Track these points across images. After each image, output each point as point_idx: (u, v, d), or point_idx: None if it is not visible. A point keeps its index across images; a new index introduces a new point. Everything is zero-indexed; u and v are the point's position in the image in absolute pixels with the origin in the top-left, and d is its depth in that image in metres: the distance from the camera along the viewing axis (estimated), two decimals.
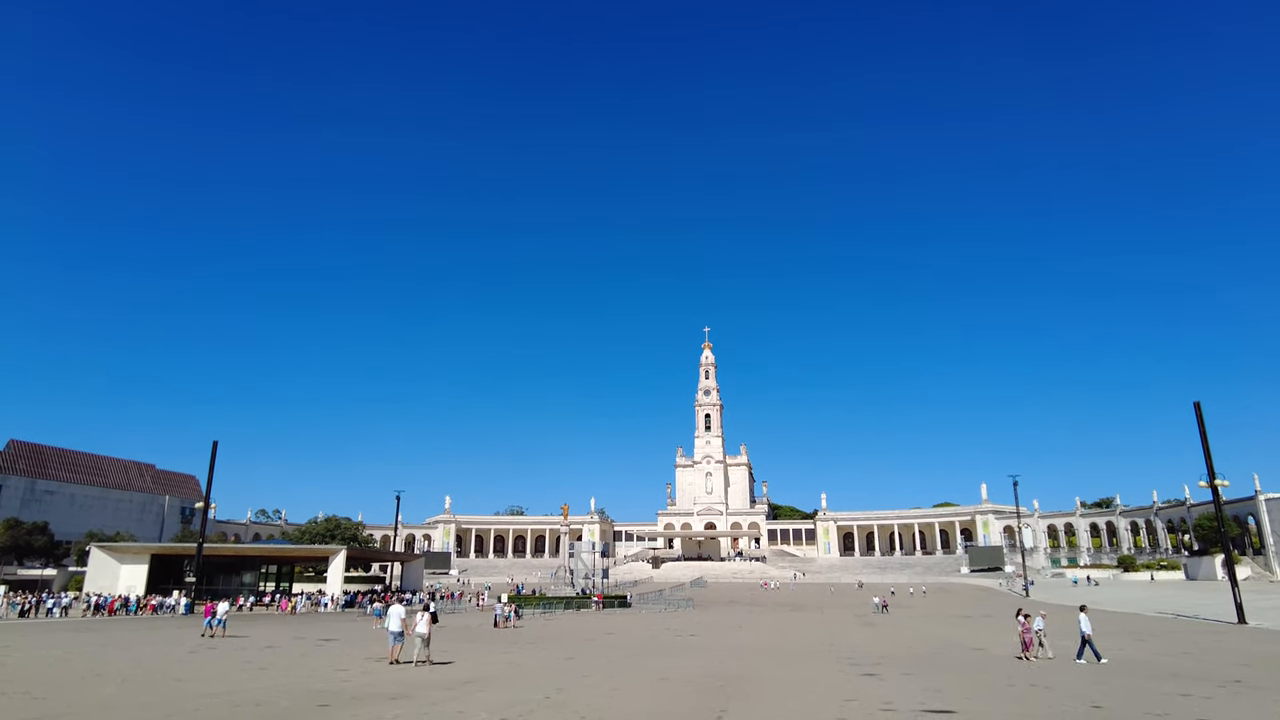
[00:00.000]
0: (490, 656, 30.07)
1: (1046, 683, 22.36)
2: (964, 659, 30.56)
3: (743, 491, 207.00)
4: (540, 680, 23.24)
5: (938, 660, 30.02)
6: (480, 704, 18.40)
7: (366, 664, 27.19)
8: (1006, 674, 24.59)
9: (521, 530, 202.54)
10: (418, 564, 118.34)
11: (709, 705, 18.47)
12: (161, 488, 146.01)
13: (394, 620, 26.77)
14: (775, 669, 26.25)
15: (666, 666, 27.05)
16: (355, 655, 30.74)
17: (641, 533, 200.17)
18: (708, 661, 29.08)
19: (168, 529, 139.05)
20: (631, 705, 18.79)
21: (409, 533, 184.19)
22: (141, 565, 78.58)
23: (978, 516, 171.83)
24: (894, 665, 27.32)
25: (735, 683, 22.50)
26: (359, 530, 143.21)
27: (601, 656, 30.80)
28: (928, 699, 19.11)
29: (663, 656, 30.97)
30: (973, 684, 22.40)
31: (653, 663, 28.37)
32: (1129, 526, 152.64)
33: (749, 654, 32.63)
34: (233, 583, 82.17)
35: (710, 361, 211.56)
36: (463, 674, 24.32)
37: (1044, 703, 19.01)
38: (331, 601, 75.06)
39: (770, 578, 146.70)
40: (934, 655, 32.08)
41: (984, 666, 27.38)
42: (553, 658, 30.26)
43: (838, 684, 22.19)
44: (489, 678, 23.61)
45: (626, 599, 79.33)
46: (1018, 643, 29.58)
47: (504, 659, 29.32)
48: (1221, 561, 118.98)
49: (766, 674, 24.59)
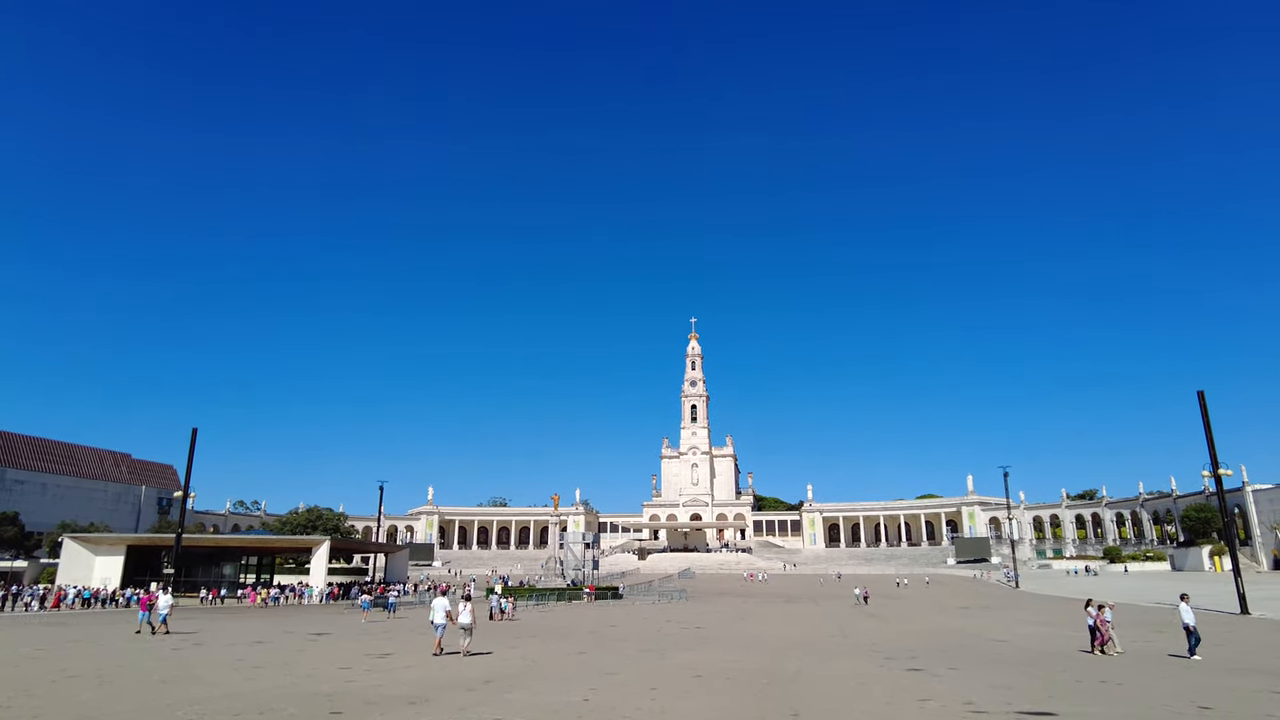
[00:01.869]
0: (501, 651, 28.08)
1: (1134, 680, 20.70)
2: (1000, 652, 28.97)
3: (728, 483, 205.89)
4: (567, 680, 21.31)
5: (972, 653, 28.42)
6: (513, 709, 16.47)
7: (368, 660, 25.18)
8: (1080, 670, 22.84)
9: (505, 522, 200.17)
10: (402, 555, 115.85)
11: (774, 710, 16.62)
12: (138, 477, 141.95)
13: (439, 611, 26.57)
14: (812, 664, 24.51)
15: (692, 662, 25.24)
16: (353, 650, 28.69)
17: (627, 524, 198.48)
18: (732, 656, 27.28)
19: (144, 520, 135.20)
20: (685, 709, 16.88)
21: (391, 524, 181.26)
22: (117, 557, 75.63)
23: (964, 508, 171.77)
24: (930, 659, 25.66)
25: (780, 682, 20.69)
26: (341, 521, 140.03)
27: (616, 651, 28.93)
28: (1012, 699, 17.40)
29: (681, 650, 29.18)
30: (1046, 681, 20.62)
31: (676, 658, 26.54)
32: (1114, 518, 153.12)
33: (769, 647, 30.92)
34: (212, 574, 79.37)
35: (697, 352, 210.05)
36: (479, 671, 22.35)
37: (1145, 703, 17.38)
38: (326, 594, 72.80)
39: (758, 569, 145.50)
40: (959, 648, 30.50)
41: (1039, 661, 25.50)
42: (564, 653, 28.36)
43: (892, 681, 20.49)
44: (509, 676, 21.65)
45: (618, 590, 77.69)
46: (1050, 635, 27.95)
47: (515, 655, 27.35)
48: (1209, 552, 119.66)
49: (806, 670, 22.84)
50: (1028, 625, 42.65)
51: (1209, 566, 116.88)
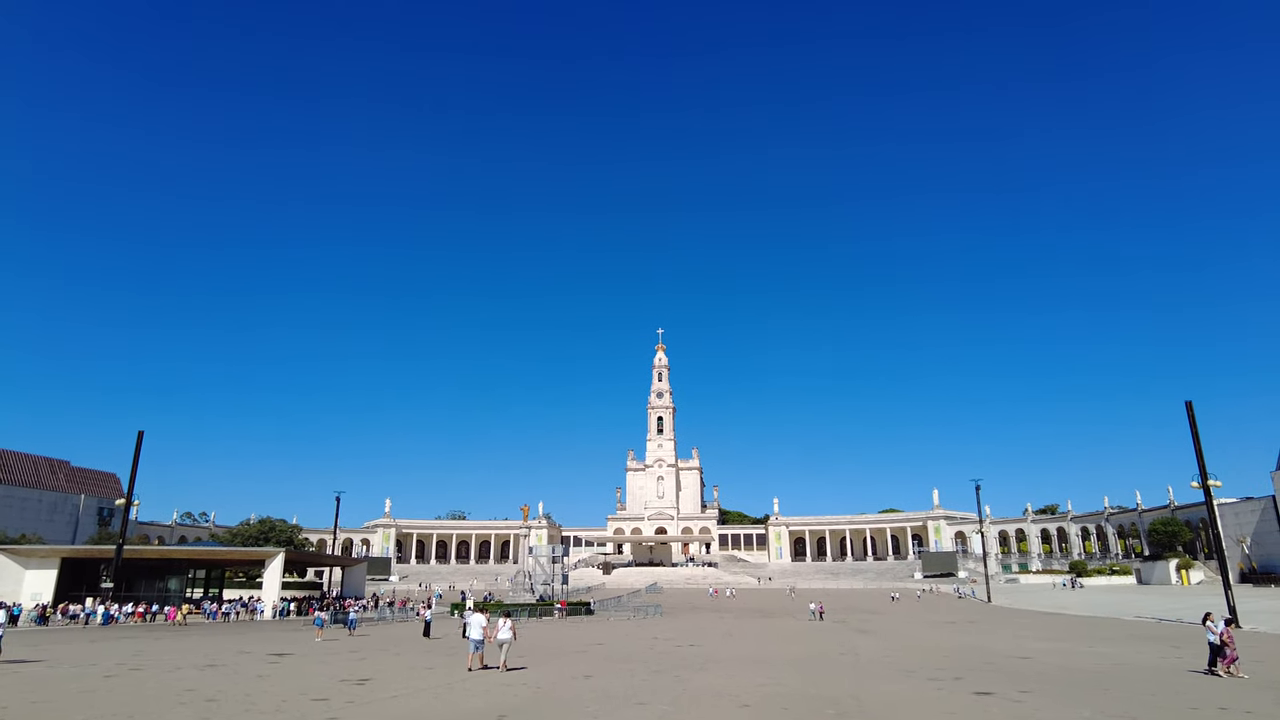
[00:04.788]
0: (495, 675, 24.73)
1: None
2: (1044, 671, 26.29)
3: (694, 496, 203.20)
4: (587, 712, 18.18)
5: (1019, 673, 25.71)
6: None
7: (346, 689, 21.66)
8: (1219, 695, 20.10)
9: (466, 535, 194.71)
10: (360, 569, 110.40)
11: None
12: (77, 486, 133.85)
13: (474, 628, 26.39)
14: (861, 687, 21.65)
15: (719, 686, 22.26)
16: (324, 675, 25.09)
17: (590, 538, 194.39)
18: (758, 678, 24.33)
19: (83, 531, 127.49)
20: None
21: (346, 537, 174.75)
22: (50, 570, 69.71)
23: (929, 522, 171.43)
24: (983, 680, 23.02)
25: (849, 713, 17.75)
26: (295, 533, 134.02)
27: (625, 674, 25.73)
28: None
29: (695, 672, 26.17)
30: (1176, 712, 17.86)
31: (696, 681, 23.52)
32: (1079, 532, 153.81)
33: (788, 667, 28.11)
34: (155, 589, 73.89)
35: (664, 363, 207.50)
36: (484, 702, 19.11)
37: None
38: (282, 610, 67.96)
39: (726, 584, 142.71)
40: (987, 665, 27.93)
41: (1127, 683, 22.96)
42: (568, 677, 25.10)
43: (980, 710, 17.70)
44: (520, 709, 18.43)
45: (589, 606, 74.47)
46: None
47: (514, 680, 24.01)
48: (1175, 566, 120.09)
49: (864, 695, 19.98)
50: (1037, 641, 40.54)
51: (1175, 580, 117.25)
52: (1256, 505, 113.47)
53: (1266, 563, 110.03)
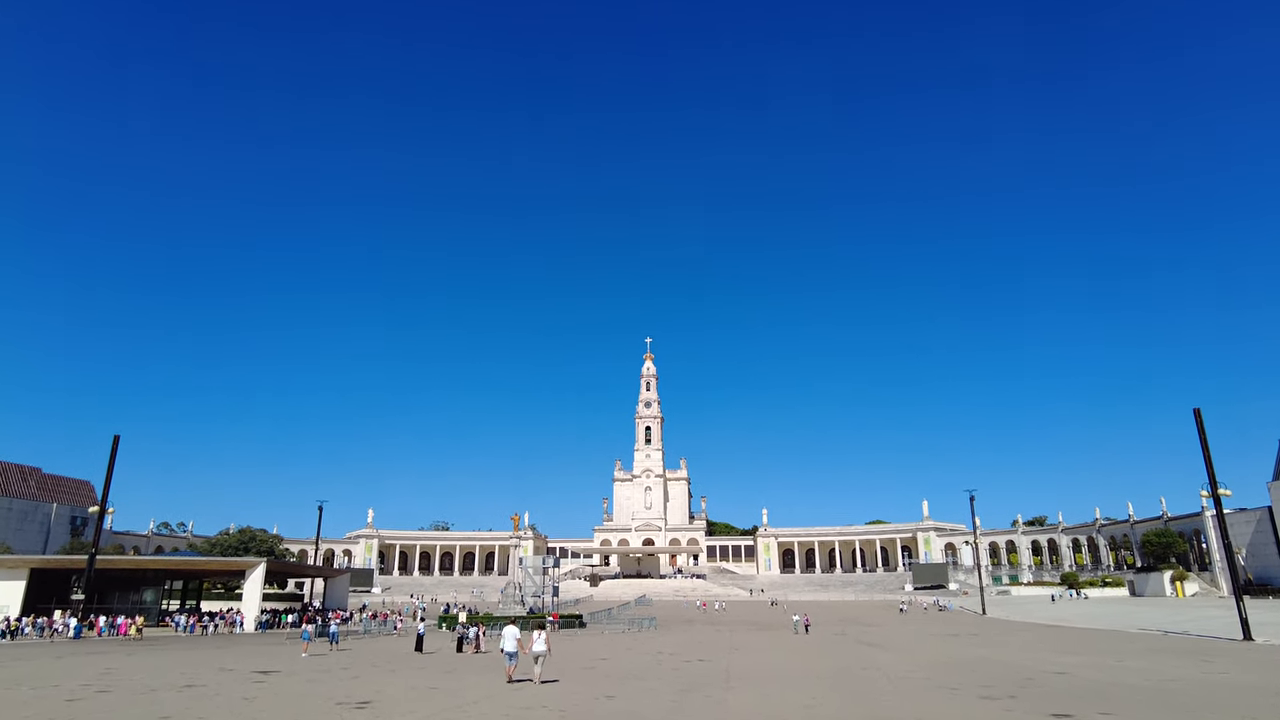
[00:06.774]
0: (507, 696, 22.48)
1: None
2: (1101, 689, 24.39)
3: (682, 507, 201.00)
4: None
5: (1077, 690, 23.81)
6: None
7: (346, 714, 19.37)
8: None
9: (450, 546, 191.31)
10: (342, 580, 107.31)
11: None
12: (49, 493, 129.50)
13: (509, 640, 26.72)
14: (921, 707, 19.61)
15: (756, 707, 20.22)
16: (318, 697, 22.77)
17: (577, 549, 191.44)
18: (796, 697, 22.26)
19: (54, 540, 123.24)
20: None
21: (328, 548, 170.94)
22: (17, 581, 66.40)
23: (919, 533, 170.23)
24: (1047, 700, 21.03)
25: None
26: (276, 544, 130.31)
27: (649, 694, 23.59)
28: None
29: (725, 691, 24.09)
30: None
31: (731, 702, 21.42)
32: (1070, 544, 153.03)
33: (818, 683, 26.10)
34: (130, 601, 70.76)
35: (652, 373, 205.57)
36: None
37: None
38: (263, 622, 65.07)
39: (715, 596, 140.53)
40: (1030, 682, 25.98)
41: (1214, 700, 21.13)
42: (587, 697, 22.89)
43: None
44: None
45: (582, 619, 72.39)
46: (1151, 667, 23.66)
47: (531, 699, 21.81)
48: (1170, 577, 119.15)
49: (927, 717, 17.97)
50: (1058, 655, 38.80)
51: (1170, 592, 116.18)
52: (1252, 516, 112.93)
53: (1262, 574, 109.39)
